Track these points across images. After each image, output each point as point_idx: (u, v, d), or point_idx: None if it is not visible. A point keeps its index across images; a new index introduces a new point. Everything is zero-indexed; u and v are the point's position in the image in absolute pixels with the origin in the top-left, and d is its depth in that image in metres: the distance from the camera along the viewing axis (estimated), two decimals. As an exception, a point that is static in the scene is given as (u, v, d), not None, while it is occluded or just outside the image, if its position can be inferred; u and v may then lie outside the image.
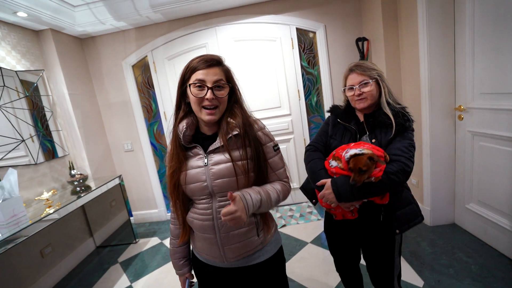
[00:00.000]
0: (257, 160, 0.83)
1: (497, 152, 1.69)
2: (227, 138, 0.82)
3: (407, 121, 1.01)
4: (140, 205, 3.14)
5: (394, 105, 1.04)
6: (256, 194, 0.80)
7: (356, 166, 0.90)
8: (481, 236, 1.91)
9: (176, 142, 0.85)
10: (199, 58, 0.81)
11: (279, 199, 0.86)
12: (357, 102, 1.07)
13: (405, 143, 0.99)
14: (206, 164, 0.83)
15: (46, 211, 1.82)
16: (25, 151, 2.12)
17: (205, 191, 0.83)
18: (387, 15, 2.23)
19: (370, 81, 1.04)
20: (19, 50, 2.21)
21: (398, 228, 1.03)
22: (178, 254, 0.98)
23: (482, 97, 1.75)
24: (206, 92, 0.79)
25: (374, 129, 1.05)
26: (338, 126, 1.13)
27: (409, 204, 1.05)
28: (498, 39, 1.56)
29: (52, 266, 2.19)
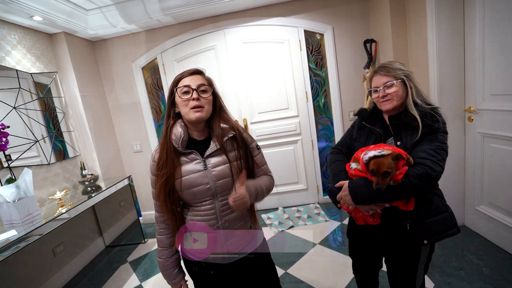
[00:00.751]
0: (247, 159, 0.95)
1: (508, 153, 1.68)
2: (223, 141, 0.90)
3: (436, 122, 0.94)
4: (149, 205, 3.18)
5: (423, 106, 0.99)
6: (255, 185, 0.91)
7: (381, 169, 0.85)
8: (492, 238, 1.89)
9: (168, 149, 0.89)
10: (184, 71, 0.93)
11: (270, 189, 0.99)
12: (382, 104, 1.04)
13: (432, 145, 0.92)
14: (206, 168, 0.89)
15: (59, 210, 1.85)
16: (37, 152, 2.17)
17: (208, 193, 0.89)
18: (395, 16, 2.24)
19: (394, 82, 1.00)
20: (34, 53, 2.27)
21: (426, 238, 0.95)
22: (171, 264, 1.00)
23: (493, 99, 1.74)
24: (192, 93, 0.87)
25: (399, 131, 1.00)
26: (364, 129, 1.11)
27: (440, 212, 0.97)
28: (509, 39, 1.56)
29: (63, 265, 2.22)
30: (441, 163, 0.91)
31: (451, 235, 0.96)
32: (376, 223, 1.02)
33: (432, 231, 0.95)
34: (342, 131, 2.83)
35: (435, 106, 1.01)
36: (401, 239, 1.02)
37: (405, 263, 1.04)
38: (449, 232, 0.96)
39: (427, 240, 0.95)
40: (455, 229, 0.97)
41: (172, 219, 0.91)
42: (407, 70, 1.03)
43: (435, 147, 0.92)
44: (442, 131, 0.96)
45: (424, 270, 1.06)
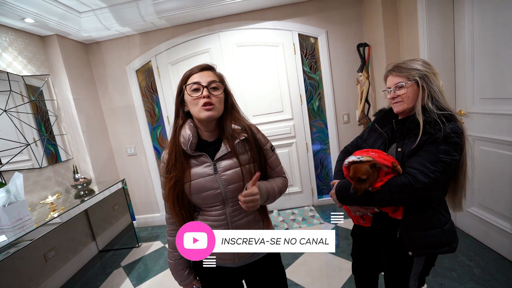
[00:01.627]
0: (260, 161, 0.89)
1: (497, 156, 1.71)
2: (234, 143, 0.84)
3: (438, 131, 0.85)
4: (143, 209, 3.15)
5: (433, 111, 0.90)
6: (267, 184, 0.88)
7: (356, 174, 0.87)
8: (483, 239, 1.92)
9: (177, 151, 0.85)
10: (193, 67, 0.87)
11: (282, 191, 0.94)
12: (394, 105, 1.00)
13: (427, 156, 0.85)
14: (216, 172, 0.84)
15: (50, 215, 1.83)
16: (28, 155, 2.13)
17: (219, 198, 0.85)
18: (387, 21, 2.27)
19: (404, 83, 0.94)
20: (25, 56, 2.25)
21: (411, 250, 0.92)
22: (181, 266, 0.97)
23: (482, 102, 1.78)
24: (202, 90, 0.82)
25: (403, 137, 0.95)
26: (375, 130, 1.07)
27: (432, 228, 0.91)
28: (497, 44, 1.60)
29: (55, 270, 2.19)
30: (432, 175, 0.83)
31: (441, 253, 0.93)
32: (366, 225, 1.04)
33: (419, 244, 0.91)
34: (336, 134, 2.86)
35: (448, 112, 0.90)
36: (392, 246, 1.00)
37: (396, 272, 1.03)
38: (438, 250, 0.93)
39: (411, 252, 0.92)
40: (447, 248, 0.93)
41: (181, 223, 0.87)
42: (427, 70, 0.94)
43: (431, 158, 0.85)
44: (447, 142, 0.85)
45: (419, 283, 1.01)
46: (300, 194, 2.98)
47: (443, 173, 0.85)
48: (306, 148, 2.90)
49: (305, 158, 2.92)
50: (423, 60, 0.99)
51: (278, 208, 2.98)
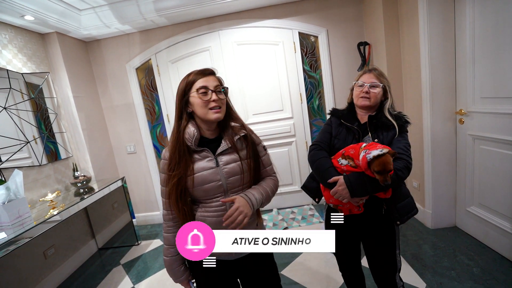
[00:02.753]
0: (256, 158, 0.97)
1: (498, 155, 1.71)
2: (234, 140, 0.93)
3: (405, 123, 1.12)
4: (142, 207, 3.15)
5: (391, 111, 1.15)
6: (258, 192, 0.93)
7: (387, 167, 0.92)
8: (482, 239, 1.92)
9: (181, 149, 0.89)
10: (196, 71, 0.92)
11: (274, 191, 1.01)
12: (361, 99, 1.15)
13: (404, 142, 1.08)
14: (218, 165, 0.91)
15: (50, 212, 1.83)
16: (28, 153, 2.13)
17: (220, 189, 0.91)
18: (388, 20, 2.27)
19: (380, 85, 1.13)
20: (25, 53, 2.24)
21: (398, 220, 1.09)
22: (178, 262, 0.99)
23: (483, 101, 1.77)
24: (211, 95, 0.88)
25: (376, 130, 1.13)
26: (341, 127, 1.19)
27: (407, 197, 1.12)
28: (498, 43, 1.59)
29: (54, 268, 2.19)
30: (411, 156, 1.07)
31: (414, 215, 1.12)
32: (361, 212, 1.09)
33: (402, 213, 1.09)
34: (336, 133, 2.85)
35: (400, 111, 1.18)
36: (378, 223, 1.15)
37: (384, 245, 1.15)
38: (412, 212, 1.12)
39: (399, 221, 1.09)
40: (415, 209, 1.13)
41: (183, 218, 0.92)
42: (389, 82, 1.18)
43: (406, 143, 1.08)
44: (406, 131, 1.13)
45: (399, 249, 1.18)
46: (300, 193, 2.98)
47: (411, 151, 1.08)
48: (306, 147, 2.90)
49: (305, 157, 2.92)
50: None
51: (277, 207, 2.98)
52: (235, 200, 0.86)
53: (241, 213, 0.84)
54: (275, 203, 2.97)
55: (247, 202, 0.87)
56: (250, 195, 0.90)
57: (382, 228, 1.15)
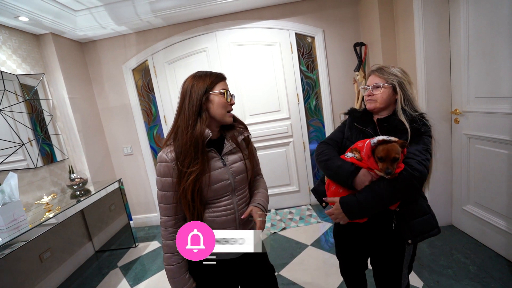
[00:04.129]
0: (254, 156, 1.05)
1: (493, 154, 1.73)
2: (238, 140, 0.97)
3: (423, 126, 0.99)
4: (139, 209, 3.13)
5: (410, 112, 1.02)
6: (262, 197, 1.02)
7: (390, 154, 0.83)
8: (478, 237, 1.94)
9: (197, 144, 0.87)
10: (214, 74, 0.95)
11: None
12: (367, 102, 1.10)
13: (418, 147, 0.96)
14: (225, 165, 0.95)
15: (46, 215, 1.81)
16: (23, 155, 2.11)
17: (229, 188, 0.95)
18: (384, 20, 2.28)
19: (382, 84, 1.04)
20: (19, 54, 2.22)
21: (410, 238, 0.98)
22: (183, 269, 0.94)
23: (478, 101, 1.79)
24: (231, 98, 0.95)
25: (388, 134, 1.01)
26: (355, 129, 1.12)
27: (425, 214, 1.00)
28: (492, 43, 1.61)
29: (51, 271, 2.17)
30: (425, 163, 0.92)
31: (432, 235, 1.00)
32: (363, 221, 1.02)
33: (416, 231, 0.98)
34: (333, 133, 2.86)
35: (422, 112, 1.05)
36: (386, 239, 1.04)
37: (390, 263, 1.06)
38: (431, 233, 1.00)
39: (411, 240, 0.98)
40: (436, 229, 1.01)
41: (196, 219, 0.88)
42: (404, 78, 1.05)
43: (421, 148, 0.96)
44: (427, 135, 0.99)
45: (408, 270, 1.09)
46: (297, 193, 2.98)
47: (429, 160, 0.96)
48: (304, 147, 2.91)
49: (302, 158, 2.92)
50: (402, 69, 1.09)
51: (275, 207, 2.98)
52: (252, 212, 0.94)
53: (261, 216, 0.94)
54: (273, 204, 2.97)
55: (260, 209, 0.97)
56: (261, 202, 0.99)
57: (389, 245, 1.04)
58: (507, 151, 1.62)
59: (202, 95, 0.90)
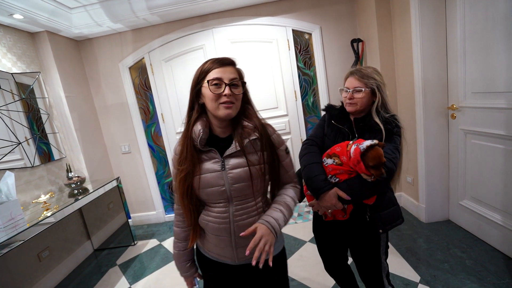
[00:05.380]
0: (273, 163, 0.86)
1: (489, 149, 1.74)
2: (244, 143, 0.82)
3: (395, 127, 1.06)
4: (138, 207, 3.13)
5: (383, 114, 1.08)
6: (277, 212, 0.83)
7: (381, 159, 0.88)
8: (475, 231, 1.96)
9: (189, 144, 0.83)
10: (214, 59, 0.83)
11: (296, 203, 0.91)
12: (347, 105, 1.12)
13: (390, 146, 1.04)
14: (224, 169, 0.82)
15: (43, 214, 1.81)
16: (20, 154, 2.10)
17: (223, 196, 0.83)
18: (381, 17, 2.28)
19: (363, 89, 1.07)
20: (14, 53, 2.20)
21: (381, 228, 1.07)
22: (184, 257, 0.97)
23: (474, 96, 1.80)
24: (224, 88, 0.79)
25: (363, 133, 1.09)
26: (332, 126, 1.16)
27: (392, 205, 1.09)
28: (488, 39, 1.62)
29: (49, 270, 2.17)
30: (395, 161, 1.01)
31: (399, 224, 1.10)
32: (345, 219, 1.09)
33: (386, 221, 1.08)
34: (331, 130, 2.87)
35: (393, 114, 1.11)
36: (362, 230, 1.13)
37: (369, 252, 1.15)
38: (397, 222, 1.10)
39: (382, 229, 1.08)
40: (401, 218, 1.11)
41: (188, 216, 0.87)
42: (380, 81, 1.09)
43: (392, 147, 1.03)
44: (398, 135, 1.06)
45: (385, 256, 1.17)
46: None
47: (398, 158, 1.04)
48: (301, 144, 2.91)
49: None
50: (376, 70, 1.12)
51: (274, 204, 2.99)
52: (256, 229, 0.77)
53: (266, 242, 0.74)
54: (271, 201, 2.97)
55: (268, 229, 0.77)
56: (270, 220, 0.80)
57: (366, 235, 1.13)
58: (503, 146, 1.63)
59: (195, 87, 0.84)
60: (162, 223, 3.09)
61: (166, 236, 2.76)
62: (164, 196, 3.14)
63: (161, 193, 3.12)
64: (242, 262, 0.89)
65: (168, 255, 2.40)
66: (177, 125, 2.92)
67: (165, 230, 2.90)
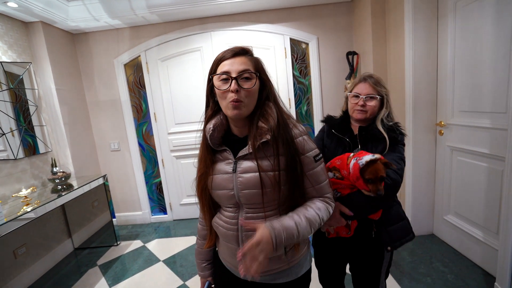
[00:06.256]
0: (292, 171, 0.72)
1: (473, 167, 1.79)
2: (256, 145, 0.71)
3: (399, 135, 1.01)
4: (123, 207, 3.06)
5: (386, 122, 1.04)
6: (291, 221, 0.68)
7: (379, 173, 0.84)
8: (457, 246, 1.99)
9: (204, 144, 0.79)
10: (226, 49, 0.74)
11: (321, 221, 0.73)
12: (356, 112, 1.05)
13: (394, 156, 0.98)
14: (235, 171, 0.75)
15: (23, 209, 1.74)
16: (3, 145, 2.03)
17: (232, 200, 0.76)
18: (376, 31, 2.34)
19: (377, 97, 1.03)
20: (6, 41, 2.15)
21: (389, 245, 0.99)
22: (202, 256, 0.95)
23: (461, 114, 1.86)
24: (231, 83, 0.69)
25: (366, 143, 1.04)
26: (332, 137, 1.11)
27: (401, 220, 1.02)
28: (476, 60, 1.68)
29: (25, 268, 2.08)
30: (400, 172, 0.95)
31: (409, 240, 1.03)
32: (350, 236, 1.01)
33: (394, 237, 1.00)
34: (323, 139, 2.89)
35: (396, 122, 1.07)
36: (366, 246, 1.05)
37: (369, 269, 1.07)
38: (407, 238, 1.02)
39: (390, 246, 0.99)
40: (412, 234, 1.04)
41: (205, 215, 0.85)
42: (387, 90, 1.07)
43: (396, 157, 0.98)
44: (402, 143, 1.02)
45: (385, 275, 1.11)
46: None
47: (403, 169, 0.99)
48: (293, 152, 2.92)
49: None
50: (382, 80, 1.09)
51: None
52: (257, 230, 0.65)
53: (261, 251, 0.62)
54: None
55: (270, 236, 0.64)
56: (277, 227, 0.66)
57: (370, 252, 1.05)
58: (487, 164, 1.69)
59: (209, 81, 0.76)
60: (147, 224, 3.03)
61: (151, 238, 2.69)
62: (151, 197, 3.08)
63: (149, 193, 3.06)
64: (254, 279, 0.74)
65: (151, 257, 2.34)
66: (169, 125, 2.89)
67: (150, 232, 2.83)
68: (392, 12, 2.20)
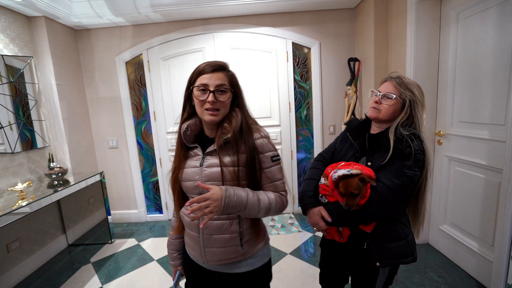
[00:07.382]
0: (250, 168, 0.83)
1: (470, 177, 1.79)
2: (219, 143, 0.83)
3: (407, 148, 0.88)
4: (119, 205, 3.05)
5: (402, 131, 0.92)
6: (243, 192, 0.79)
7: (348, 190, 0.84)
8: (452, 257, 1.99)
9: (179, 141, 0.91)
10: (205, 63, 0.85)
11: (270, 207, 0.83)
12: (370, 109, 1.01)
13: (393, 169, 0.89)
14: (202, 165, 0.86)
15: (18, 203, 1.73)
16: (1, 139, 2.02)
17: (196, 191, 0.87)
18: (378, 39, 2.35)
19: (394, 96, 0.95)
20: (8, 34, 2.15)
21: (378, 261, 0.95)
22: (172, 246, 1.04)
23: (460, 125, 1.86)
24: (208, 95, 0.82)
25: (374, 151, 0.97)
26: (345, 141, 1.08)
27: (398, 239, 0.95)
28: (477, 72, 1.68)
29: (17, 263, 2.07)
30: (394, 189, 0.87)
31: (405, 263, 0.96)
32: (342, 242, 1.03)
33: (385, 255, 0.94)
34: (321, 144, 2.90)
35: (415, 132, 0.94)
36: (360, 258, 1.03)
37: (364, 281, 1.05)
38: (403, 260, 0.95)
39: (379, 262, 0.95)
40: (410, 257, 0.96)
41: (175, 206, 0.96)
42: (419, 98, 0.96)
43: (396, 172, 0.89)
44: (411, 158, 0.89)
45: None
46: (282, 201, 2.98)
47: (406, 186, 0.90)
48: (291, 156, 2.92)
49: (289, 166, 2.94)
50: (419, 85, 0.99)
51: (258, 213, 2.96)
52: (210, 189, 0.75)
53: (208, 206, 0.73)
54: (256, 209, 2.95)
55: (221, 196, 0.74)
56: (230, 191, 0.76)
57: (364, 264, 1.02)
58: (484, 175, 1.68)
59: (187, 89, 0.89)
60: (143, 223, 3.02)
61: (145, 237, 2.68)
62: (147, 196, 3.08)
63: (145, 192, 3.05)
64: (212, 268, 0.90)
65: (145, 256, 2.33)
66: (168, 124, 2.89)
67: (145, 230, 2.82)
68: (395, 20, 2.21)
